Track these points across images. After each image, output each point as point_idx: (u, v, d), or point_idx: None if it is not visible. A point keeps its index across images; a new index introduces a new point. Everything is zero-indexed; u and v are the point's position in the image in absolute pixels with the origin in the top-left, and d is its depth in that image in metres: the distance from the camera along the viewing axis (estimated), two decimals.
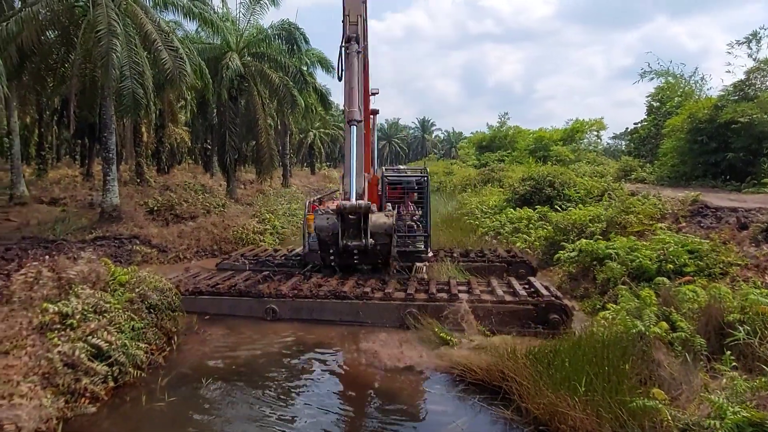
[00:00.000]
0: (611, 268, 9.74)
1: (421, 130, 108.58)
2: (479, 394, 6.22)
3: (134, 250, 13.81)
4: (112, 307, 6.65)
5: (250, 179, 34.37)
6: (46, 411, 4.98)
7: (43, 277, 6.73)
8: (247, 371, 6.97)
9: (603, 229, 12.45)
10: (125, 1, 17.78)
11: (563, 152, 31.06)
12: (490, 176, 26.37)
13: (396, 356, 7.47)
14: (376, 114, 11.99)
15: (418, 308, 8.69)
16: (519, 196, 18.56)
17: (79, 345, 5.80)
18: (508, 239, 15.59)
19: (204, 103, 26.84)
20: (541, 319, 8.35)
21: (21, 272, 7.30)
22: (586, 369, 5.48)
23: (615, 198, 15.01)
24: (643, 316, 6.78)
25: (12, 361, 5.31)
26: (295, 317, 9.16)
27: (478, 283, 9.86)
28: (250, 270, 11.50)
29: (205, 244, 15.34)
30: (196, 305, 9.12)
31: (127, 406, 5.86)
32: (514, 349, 6.47)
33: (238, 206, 21.77)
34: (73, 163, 40.00)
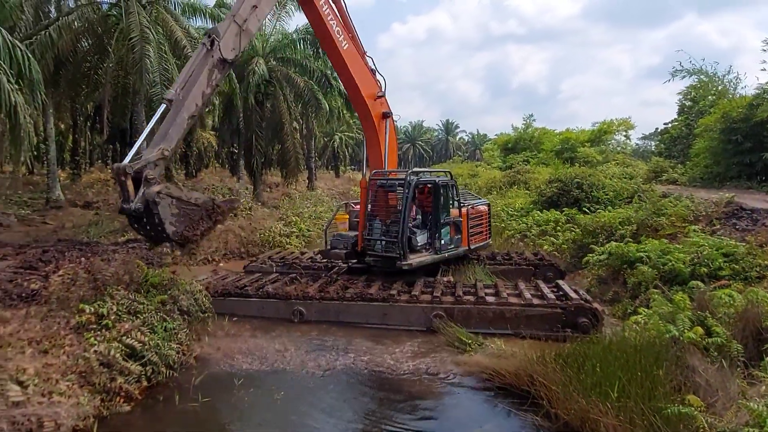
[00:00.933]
0: (642, 272, 9.54)
1: (445, 132, 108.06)
2: (507, 399, 6.16)
3: (164, 252, 14.08)
4: (145, 308, 6.81)
5: (276, 182, 34.77)
6: (84, 409, 5.14)
7: (79, 279, 6.94)
8: (276, 372, 7.05)
9: (633, 232, 12.20)
10: (156, 8, 18.26)
11: (591, 154, 30.52)
12: (516, 178, 26.07)
13: (422, 359, 7.48)
14: (389, 117, 10.94)
15: (444, 311, 8.66)
16: (546, 198, 18.31)
17: (114, 345, 5.96)
18: (535, 242, 15.40)
19: (231, 107, 27.23)
20: (570, 322, 8.22)
21: (58, 274, 7.55)
22: (618, 374, 5.37)
23: (646, 200, 14.69)
24: (677, 321, 6.64)
25: (51, 360, 5.49)
26: (322, 319, 9.23)
27: (505, 286, 9.77)
28: (277, 272, 11.62)
29: (232, 247, 15.57)
30: (224, 306, 9.26)
31: (160, 405, 5.99)
32: (542, 353, 6.40)
33: (265, 209, 22.04)
34: (105, 167, 41.10)
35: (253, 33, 8.71)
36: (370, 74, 10.69)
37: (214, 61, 7.89)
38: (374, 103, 10.68)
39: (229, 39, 8.07)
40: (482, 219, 12.21)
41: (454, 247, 10.95)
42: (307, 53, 25.99)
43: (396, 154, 11.41)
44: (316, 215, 22.01)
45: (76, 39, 17.97)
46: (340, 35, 9.93)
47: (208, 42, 7.91)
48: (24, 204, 20.24)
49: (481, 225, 12.09)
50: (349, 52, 10.08)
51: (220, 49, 7.88)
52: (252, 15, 8.36)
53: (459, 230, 11.11)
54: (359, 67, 10.39)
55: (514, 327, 8.29)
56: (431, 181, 10.75)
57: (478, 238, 11.93)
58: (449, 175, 11.59)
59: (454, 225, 10.98)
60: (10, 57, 10.36)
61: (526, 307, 8.54)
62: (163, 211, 6.92)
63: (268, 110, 25.60)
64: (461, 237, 11.18)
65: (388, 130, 10.65)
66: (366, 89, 10.52)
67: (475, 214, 11.91)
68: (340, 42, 9.90)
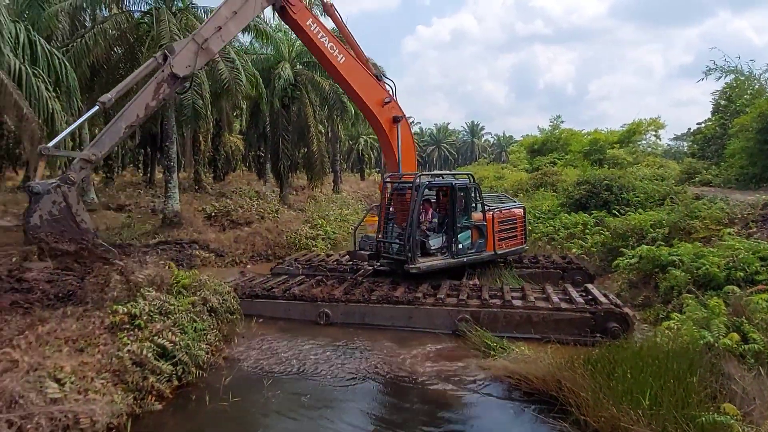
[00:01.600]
0: (675, 276, 9.29)
1: (470, 134, 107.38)
2: (535, 405, 6.08)
3: (194, 254, 14.40)
4: (176, 308, 6.96)
5: (302, 185, 35.12)
6: (117, 407, 5.27)
7: (112, 280, 7.14)
8: (302, 374, 7.11)
9: (665, 235, 11.90)
10: (185, 15, 18.68)
11: (620, 155, 29.90)
12: (543, 180, 25.73)
13: (448, 363, 7.43)
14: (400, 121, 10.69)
15: (470, 314, 8.60)
16: (574, 201, 18.00)
17: (146, 344, 6.11)
18: (563, 245, 15.16)
19: (257, 111, 27.67)
20: (600, 328, 8.06)
21: (92, 275, 7.79)
22: (650, 381, 5.25)
23: (678, 202, 14.31)
24: (712, 327, 6.45)
25: (86, 358, 5.65)
26: (347, 321, 9.27)
27: (532, 290, 9.65)
28: (303, 275, 11.73)
29: (259, 249, 15.80)
30: (252, 308, 9.39)
31: (191, 405, 6.11)
32: (570, 358, 6.29)
33: (291, 212, 22.29)
34: (136, 171, 42.24)
35: (214, 52, 8.73)
36: (373, 81, 10.57)
37: (164, 75, 7.95)
38: (382, 110, 10.53)
39: (184, 56, 8.15)
40: (515, 223, 11.79)
41: (475, 251, 10.71)
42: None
43: (413, 156, 11.14)
44: (341, 218, 22.14)
45: (110, 47, 18.51)
46: (334, 50, 10.00)
47: (161, 57, 8.02)
48: None
49: (513, 229, 11.72)
50: (346, 64, 10.10)
51: (171, 65, 7.97)
52: (215, 35, 8.44)
53: (483, 234, 10.83)
54: (360, 76, 10.36)
55: (541, 332, 8.17)
56: (447, 184, 10.66)
57: (510, 243, 11.58)
58: (471, 178, 11.26)
59: (477, 229, 10.73)
60: (49, 65, 10.77)
61: (554, 311, 8.41)
62: (45, 203, 6.60)
63: (294, 114, 25.91)
64: (485, 241, 10.87)
65: (400, 134, 10.46)
66: (370, 97, 10.45)
67: (505, 217, 11.54)
68: (335, 57, 10.04)
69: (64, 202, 6.70)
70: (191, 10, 19.41)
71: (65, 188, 6.76)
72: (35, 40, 10.66)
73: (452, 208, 10.34)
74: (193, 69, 8.22)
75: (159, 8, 18.07)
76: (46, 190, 6.59)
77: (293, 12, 9.51)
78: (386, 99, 10.51)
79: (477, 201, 10.93)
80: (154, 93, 7.86)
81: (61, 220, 6.67)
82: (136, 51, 19.45)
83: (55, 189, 6.66)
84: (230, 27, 8.65)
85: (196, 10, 19.59)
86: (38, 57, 10.58)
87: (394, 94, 10.96)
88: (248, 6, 8.76)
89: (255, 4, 8.88)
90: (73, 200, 6.85)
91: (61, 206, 6.70)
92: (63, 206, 6.71)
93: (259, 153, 35.19)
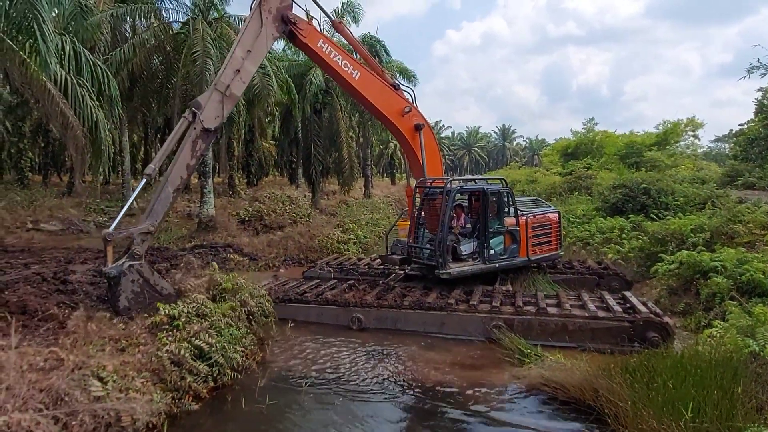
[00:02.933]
0: (717, 282, 8.98)
1: (502, 138, 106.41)
2: (572, 414, 5.94)
3: (228, 258, 14.69)
4: (213, 311, 7.11)
5: (333, 190, 35.42)
6: (156, 406, 5.41)
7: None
8: (335, 379, 7.13)
9: (707, 240, 11.51)
10: (221, 25, 19.16)
11: (658, 157, 29.09)
12: (577, 184, 25.26)
13: (481, 371, 7.35)
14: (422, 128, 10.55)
15: (504, 321, 8.49)
16: (610, 205, 17.60)
17: (183, 345, 6.25)
18: (599, 250, 14.83)
19: (289, 117, 28.09)
20: (639, 337, 7.83)
21: None
22: (692, 392, 5.07)
23: (720, 206, 13.82)
24: (757, 335, 6.21)
25: (128, 358, 5.83)
26: (380, 327, 9.28)
27: (567, 296, 9.46)
28: (335, 278, 11.82)
29: (292, 253, 16.00)
30: (285, 312, 9.50)
31: (227, 406, 6.22)
32: (608, 366, 6.13)
33: (323, 216, 22.49)
34: None
35: (238, 96, 8.79)
36: (391, 92, 10.45)
37: (197, 132, 8.06)
38: (402, 119, 10.44)
39: (211, 108, 8.22)
40: (549, 228, 11.46)
41: (508, 257, 10.56)
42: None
43: (439, 161, 11.00)
44: (372, 222, 22.20)
45: (149, 56, 19.16)
46: (348, 67, 9.97)
47: (190, 115, 8.05)
48: (101, 212, 21.70)
49: (548, 235, 11.39)
50: (361, 80, 10.08)
51: (201, 121, 8.04)
52: (235, 79, 8.51)
53: (515, 240, 10.66)
54: (376, 89, 10.30)
55: (577, 340, 7.99)
56: (478, 189, 10.56)
57: (544, 248, 11.26)
58: (503, 182, 11.05)
59: (510, 234, 10.60)
60: (92, 75, 11.19)
61: (590, 319, 8.22)
62: (125, 284, 6.98)
63: (326, 120, 26.20)
64: (518, 247, 10.70)
65: (422, 141, 10.35)
66: (389, 108, 10.38)
67: (539, 222, 11.26)
68: (350, 74, 9.95)
69: (141, 278, 7.14)
70: (225, 19, 19.91)
71: (137, 266, 7.17)
72: (80, 51, 11.11)
73: (484, 213, 10.26)
74: (222, 119, 8.39)
75: (195, 18, 18.59)
76: (121, 272, 6.96)
77: (303, 36, 9.50)
78: (406, 108, 10.42)
79: (510, 206, 10.79)
80: (191, 152, 8.06)
81: (145, 293, 7.14)
82: (172, 61, 20.08)
83: (129, 269, 7.07)
84: (247, 67, 8.73)
85: (230, 19, 20.09)
86: (83, 67, 11.02)
87: (414, 102, 10.84)
88: (260, 42, 8.84)
89: (266, 39, 8.96)
90: (148, 273, 7.28)
91: (140, 283, 7.13)
92: (141, 282, 7.15)
93: (291, 158, 35.70)
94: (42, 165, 35.01)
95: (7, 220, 17.52)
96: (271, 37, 9.11)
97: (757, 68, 25.10)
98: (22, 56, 9.43)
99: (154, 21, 19.75)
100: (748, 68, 25.22)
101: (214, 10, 19.92)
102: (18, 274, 9.70)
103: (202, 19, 18.59)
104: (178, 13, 19.55)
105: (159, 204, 7.79)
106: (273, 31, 9.07)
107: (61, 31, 11.32)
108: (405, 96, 10.71)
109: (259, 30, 8.82)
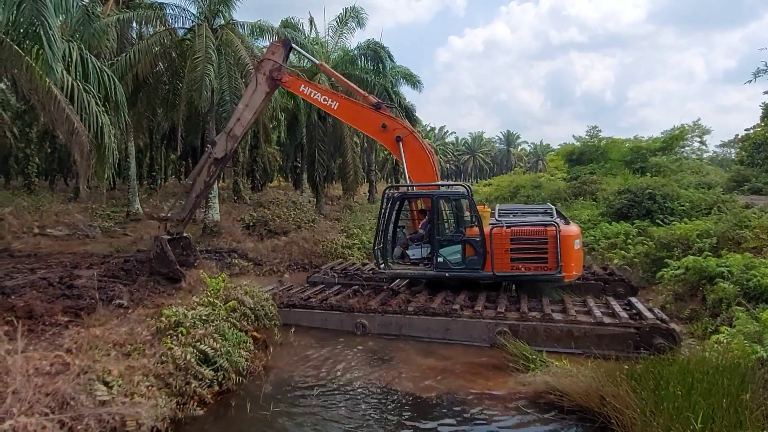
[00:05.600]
0: (724, 288, 8.92)
1: (506, 143, 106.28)
2: (578, 422, 5.90)
3: (233, 262, 14.71)
4: (217, 315, 7.12)
5: (338, 195, 35.45)
6: (161, 410, 5.41)
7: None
8: (339, 385, 7.12)
9: (713, 245, 11.44)
10: (225, 31, 19.28)
11: (664, 163, 28.97)
12: (582, 189, 25.19)
13: (486, 377, 7.32)
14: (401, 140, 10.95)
15: (509, 327, 8.46)
16: (615, 210, 17.53)
17: (188, 350, 6.26)
18: (604, 255, 14.77)
19: (294, 123, 28.16)
20: (645, 343, 7.78)
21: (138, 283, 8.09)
22: (699, 399, 5.02)
23: (726, 211, 13.75)
24: (765, 341, 6.18)
25: (133, 362, 5.84)
26: (384, 332, 9.27)
27: (573, 302, 9.41)
28: (339, 284, 11.81)
29: (296, 258, 15.99)
30: (289, 317, 9.50)
31: (232, 412, 6.21)
32: (613, 372, 6.08)
33: (327, 221, 22.50)
34: (178, 182, 43.56)
35: (238, 136, 11.61)
36: (368, 113, 11.34)
37: (210, 160, 11.54)
38: (382, 134, 11.21)
39: (220, 145, 11.50)
40: (540, 243, 9.64)
41: (465, 268, 10.00)
42: (367, 68, 26.52)
43: (429, 165, 10.98)
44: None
45: (154, 62, 19.29)
46: (327, 101, 11.56)
47: (208, 149, 11.74)
48: (107, 217, 21.78)
49: (538, 251, 9.65)
50: (340, 108, 11.56)
51: (212, 153, 11.49)
52: (236, 124, 11.51)
53: (476, 251, 9.87)
54: (353, 113, 11.68)
55: (583, 346, 7.95)
56: (425, 195, 10.67)
57: (530, 266, 9.68)
58: (468, 190, 10.40)
59: (470, 244, 9.95)
60: (99, 81, 11.24)
61: (596, 325, 8.19)
62: (153, 247, 10.87)
63: (330, 125, 26.24)
64: (479, 259, 9.85)
65: (402, 150, 10.92)
66: (367, 127, 11.63)
67: (521, 235, 9.77)
68: (329, 105, 11.54)
69: (161, 246, 10.67)
70: (230, 26, 20.03)
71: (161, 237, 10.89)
72: (87, 57, 11.17)
73: (434, 220, 10.19)
74: (226, 151, 11.54)
75: (200, 24, 18.73)
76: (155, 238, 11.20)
77: (287, 86, 11.82)
78: (383, 124, 11.10)
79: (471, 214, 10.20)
80: (207, 173, 11.66)
81: (162, 258, 10.60)
82: (178, 67, 20.21)
83: (156, 239, 10.98)
84: (245, 115, 11.52)
85: (235, 26, 20.21)
86: (89, 73, 11.07)
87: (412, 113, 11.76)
88: (255, 97, 11.52)
89: (259, 94, 11.51)
90: (165, 247, 10.61)
91: (159, 250, 10.65)
92: (160, 250, 10.64)
93: (295, 163, 35.80)
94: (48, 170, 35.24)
95: (14, 225, 17.59)
96: (263, 92, 11.55)
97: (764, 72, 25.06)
98: (29, 62, 9.51)
99: (160, 27, 19.90)
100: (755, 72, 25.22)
101: (220, 17, 20.05)
102: (24, 278, 9.74)
103: (206, 25, 18.72)
104: (183, 20, 19.72)
105: (187, 203, 11.81)
106: (265, 88, 11.55)
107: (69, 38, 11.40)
108: (388, 113, 11.45)
109: (255, 87, 11.53)
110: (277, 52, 11.68)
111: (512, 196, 31.14)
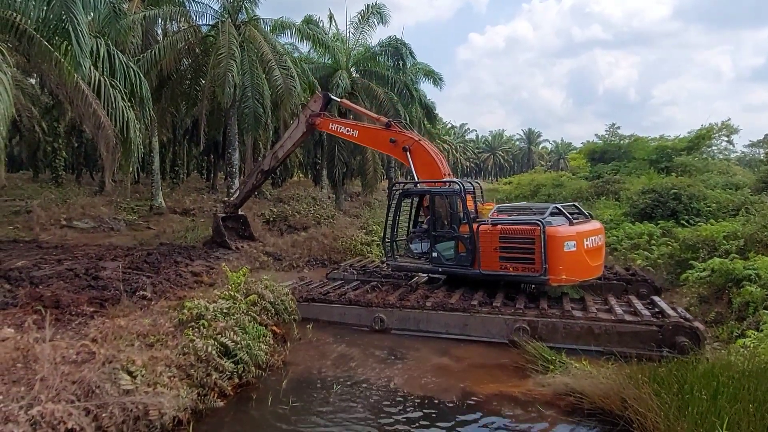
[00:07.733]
0: (751, 291, 8.70)
1: (527, 141, 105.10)
2: (599, 425, 5.80)
3: (253, 257, 14.85)
4: (238, 309, 7.20)
5: (357, 192, 35.52)
6: (183, 401, 5.50)
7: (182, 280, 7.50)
8: (358, 380, 7.14)
9: (740, 247, 11.16)
10: (248, 28, 19.45)
11: (690, 163, 28.35)
12: (605, 188, 24.82)
13: (504, 378, 7.24)
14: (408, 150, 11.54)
15: (527, 324, 8.39)
16: (638, 210, 17.23)
17: (210, 342, 6.35)
18: (626, 256, 14.53)
19: None
20: (667, 342, 7.64)
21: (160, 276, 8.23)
22: (725, 404, 4.90)
23: (755, 212, 13.40)
24: None
25: (156, 353, 5.94)
26: (402, 327, 9.27)
27: (593, 301, 9.28)
28: (358, 280, 11.84)
29: (316, 254, 16.07)
30: (308, 312, 9.58)
31: (252, 405, 6.28)
32: (635, 374, 5.97)
33: (346, 218, 22.58)
34: (200, 177, 44.16)
35: (280, 158, 14.60)
36: (379, 133, 12.45)
37: (258, 170, 15.09)
38: (392, 147, 12.02)
39: (266, 161, 14.89)
40: (525, 243, 9.16)
41: (457, 265, 10.04)
42: (387, 65, 26.50)
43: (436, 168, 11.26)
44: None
45: (178, 58, 19.56)
46: (349, 131, 12.91)
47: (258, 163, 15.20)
48: (131, 210, 22.20)
49: (525, 251, 9.18)
50: (359, 135, 12.89)
51: (261, 166, 14.95)
52: (280, 148, 14.42)
53: (467, 248, 9.81)
54: (369, 137, 12.98)
55: (603, 344, 7.83)
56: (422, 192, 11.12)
57: (518, 266, 9.28)
58: (461, 187, 10.29)
59: (462, 241, 9.96)
60: (125, 77, 11.43)
61: (617, 323, 8.05)
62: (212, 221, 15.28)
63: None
64: (468, 256, 9.79)
65: (410, 158, 11.59)
66: (380, 145, 12.80)
67: (509, 234, 9.38)
68: (351, 135, 12.92)
69: (216, 222, 15.52)
70: (254, 22, 20.19)
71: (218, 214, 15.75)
72: (114, 53, 11.37)
73: (432, 216, 10.55)
74: (270, 166, 14.72)
75: (224, 21, 18.91)
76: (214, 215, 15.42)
77: (320, 127, 13.51)
78: (391, 139, 11.94)
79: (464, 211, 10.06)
80: (255, 179, 15.25)
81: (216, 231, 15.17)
82: (201, 62, 20.46)
83: (215, 215, 15.60)
84: (287, 144, 14.25)
85: (258, 23, 20.37)
86: (116, 69, 11.26)
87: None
88: (295, 133, 13.86)
89: (298, 132, 13.79)
90: (219, 223, 15.39)
91: (215, 225, 15.50)
92: (215, 225, 15.46)
93: (315, 160, 35.99)
94: (75, 164, 36.02)
95: (42, 217, 18.05)
96: (301, 131, 13.74)
97: None
98: (58, 57, 9.72)
99: (184, 23, 20.15)
100: None
101: (243, 13, 20.23)
102: (52, 269, 10.00)
103: (230, 22, 18.89)
104: (207, 17, 19.94)
105: (240, 192, 16.01)
106: (303, 128, 13.66)
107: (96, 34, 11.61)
108: (397, 128, 12.20)
109: (296, 126, 13.84)
110: (318, 101, 13.67)
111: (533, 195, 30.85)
